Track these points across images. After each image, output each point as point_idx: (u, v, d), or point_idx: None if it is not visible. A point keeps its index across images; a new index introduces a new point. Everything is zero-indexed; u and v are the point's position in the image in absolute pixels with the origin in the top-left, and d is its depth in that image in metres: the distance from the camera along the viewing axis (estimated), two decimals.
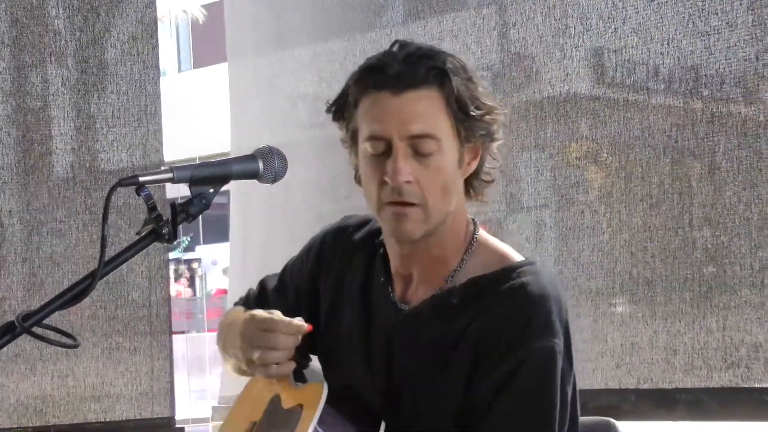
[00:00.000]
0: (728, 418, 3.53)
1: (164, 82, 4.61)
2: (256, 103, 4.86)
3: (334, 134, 2.24)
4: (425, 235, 2.12)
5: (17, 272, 4.14)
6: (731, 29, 3.44)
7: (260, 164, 2.04)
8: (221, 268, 24.55)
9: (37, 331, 1.89)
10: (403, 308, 2.19)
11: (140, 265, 4.21)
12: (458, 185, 2.15)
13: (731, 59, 3.45)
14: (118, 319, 4.19)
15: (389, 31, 4.25)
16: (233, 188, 5.20)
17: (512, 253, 2.19)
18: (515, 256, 2.18)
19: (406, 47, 2.13)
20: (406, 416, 2.13)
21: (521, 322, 2.06)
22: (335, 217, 2.41)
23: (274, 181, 2.06)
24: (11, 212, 4.14)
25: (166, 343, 4.25)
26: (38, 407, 4.12)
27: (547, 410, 2.05)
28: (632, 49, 3.66)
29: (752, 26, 3.42)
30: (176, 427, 4.26)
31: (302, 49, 4.60)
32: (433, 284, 2.18)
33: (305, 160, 4.39)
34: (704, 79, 3.53)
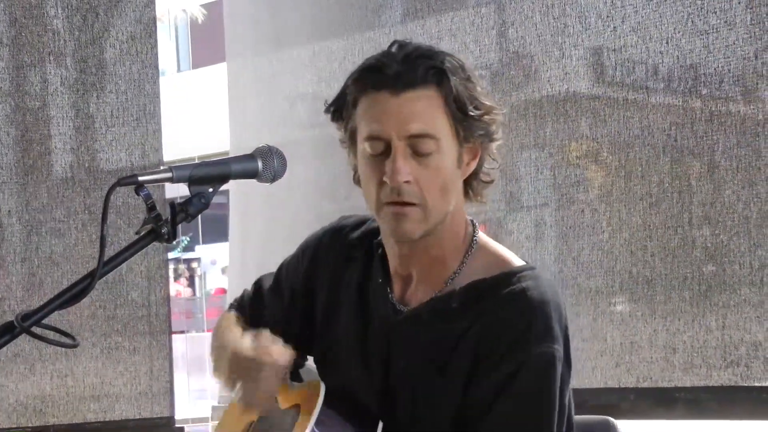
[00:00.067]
0: (727, 416, 3.53)
1: (163, 81, 4.60)
2: (255, 102, 4.86)
3: (333, 134, 2.24)
4: (424, 234, 2.12)
5: (16, 272, 4.14)
6: (730, 28, 3.44)
7: (259, 164, 2.04)
8: (220, 267, 24.57)
9: (36, 330, 1.89)
10: (402, 309, 2.18)
11: (139, 264, 4.21)
12: (457, 185, 2.15)
13: (730, 58, 3.45)
14: (117, 318, 4.19)
15: (388, 30, 4.25)
16: (232, 188, 5.19)
17: (512, 257, 2.18)
18: (515, 260, 2.17)
19: (404, 47, 2.13)
20: (403, 417, 2.13)
21: (522, 326, 2.06)
22: (335, 216, 2.40)
23: (273, 180, 2.06)
24: (10, 212, 4.14)
25: (165, 342, 4.25)
26: (37, 407, 4.11)
27: (546, 414, 2.05)
28: (631, 48, 3.66)
29: (751, 25, 3.42)
30: (176, 426, 4.25)
31: (301, 48, 4.60)
32: (432, 286, 2.17)
33: (304, 159, 4.39)
34: (703, 77, 3.53)
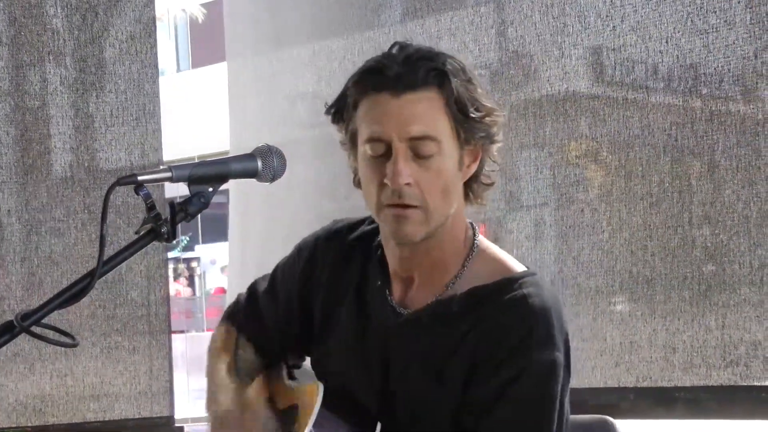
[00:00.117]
0: (727, 416, 3.53)
1: (163, 81, 4.60)
2: (255, 101, 4.86)
3: (333, 133, 2.23)
4: (426, 237, 2.11)
5: (16, 271, 4.14)
6: (730, 27, 3.44)
7: (259, 163, 2.03)
8: (220, 267, 24.58)
9: (35, 330, 1.88)
10: (401, 312, 2.18)
11: (139, 264, 4.20)
12: (458, 187, 2.14)
13: (730, 57, 3.45)
14: (117, 318, 4.19)
15: (387, 29, 4.25)
16: (232, 187, 5.19)
17: (513, 262, 2.18)
18: (516, 265, 2.17)
19: (405, 49, 2.12)
20: (402, 417, 2.12)
21: (523, 332, 2.06)
22: (335, 216, 2.40)
23: (273, 180, 2.06)
24: (10, 211, 4.14)
25: (165, 342, 4.25)
26: (37, 407, 4.11)
27: (546, 420, 2.05)
28: (631, 47, 3.66)
29: (750, 24, 3.42)
30: (175, 426, 4.25)
31: (301, 47, 4.60)
32: (433, 289, 2.16)
33: (304, 159, 4.39)
34: (703, 77, 3.53)
